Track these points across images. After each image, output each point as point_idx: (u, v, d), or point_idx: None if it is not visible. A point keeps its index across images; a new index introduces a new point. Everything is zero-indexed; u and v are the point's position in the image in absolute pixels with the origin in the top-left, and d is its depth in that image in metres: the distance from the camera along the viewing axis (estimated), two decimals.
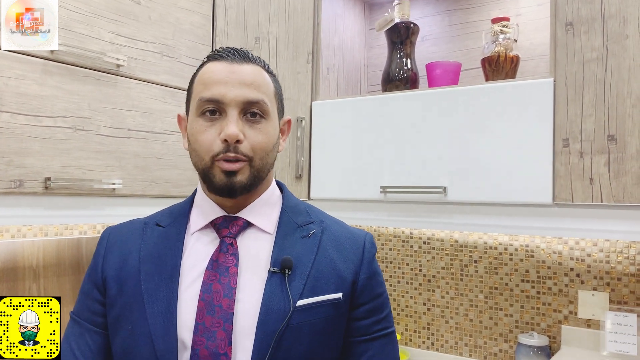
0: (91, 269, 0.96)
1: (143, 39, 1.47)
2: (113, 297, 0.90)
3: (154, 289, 0.87)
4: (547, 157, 1.35)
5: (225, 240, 0.90)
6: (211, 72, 0.89)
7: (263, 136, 0.89)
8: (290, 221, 0.94)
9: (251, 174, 0.88)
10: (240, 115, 0.88)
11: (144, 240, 0.94)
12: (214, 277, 0.86)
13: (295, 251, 0.89)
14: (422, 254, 1.89)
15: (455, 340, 1.82)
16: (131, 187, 1.45)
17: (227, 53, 0.90)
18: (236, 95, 0.87)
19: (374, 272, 0.93)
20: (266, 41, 1.73)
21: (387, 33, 1.78)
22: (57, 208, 1.31)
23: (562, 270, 1.65)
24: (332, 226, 0.96)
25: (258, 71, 0.91)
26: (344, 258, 0.91)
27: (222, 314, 0.83)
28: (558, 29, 1.35)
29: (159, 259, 0.90)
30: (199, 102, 0.88)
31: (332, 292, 0.88)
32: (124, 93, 1.42)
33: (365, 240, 0.95)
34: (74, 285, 1.63)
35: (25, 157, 1.22)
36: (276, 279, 0.87)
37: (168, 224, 0.96)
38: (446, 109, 1.49)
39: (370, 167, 1.61)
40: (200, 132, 0.88)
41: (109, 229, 1.00)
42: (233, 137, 0.85)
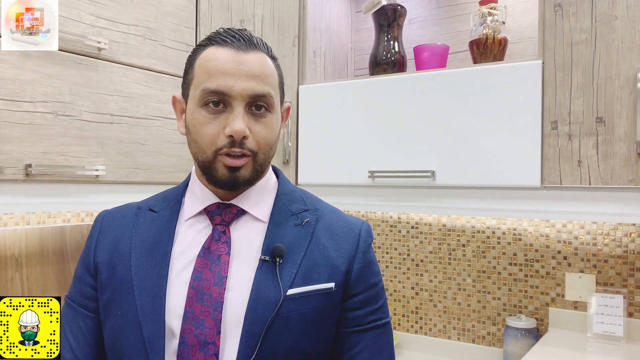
0: (84, 252, 0.95)
1: (125, 22, 1.43)
2: (104, 281, 0.88)
3: (143, 275, 0.86)
4: (535, 140, 1.34)
5: (218, 228, 0.88)
6: (216, 60, 0.84)
7: (268, 130, 0.86)
8: (285, 209, 0.92)
9: (254, 169, 0.86)
10: (246, 109, 0.84)
11: (136, 225, 0.92)
12: (205, 265, 0.85)
13: (287, 239, 0.88)
14: (410, 239, 1.89)
15: (444, 323, 1.83)
16: (115, 174, 1.42)
17: (232, 38, 0.85)
18: (243, 88, 0.83)
19: (369, 262, 0.92)
20: (251, 24, 1.70)
21: (374, 16, 1.76)
22: (39, 195, 1.28)
23: (550, 253, 1.66)
24: (328, 214, 0.94)
25: (263, 60, 0.86)
26: (338, 247, 0.90)
27: (211, 303, 0.82)
28: (547, 10, 1.34)
29: (151, 245, 0.88)
30: (202, 93, 0.84)
31: (324, 281, 0.86)
32: (106, 77, 1.39)
33: (361, 229, 0.93)
34: (58, 274, 1.60)
35: (4, 143, 1.19)
36: (267, 267, 0.85)
37: (161, 209, 0.93)
38: (434, 92, 1.48)
39: (358, 151, 1.59)
40: (202, 124, 0.84)
41: (102, 212, 0.98)
42: (240, 134, 0.82)
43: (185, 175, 1.61)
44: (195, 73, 0.88)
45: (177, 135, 1.58)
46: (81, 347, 0.90)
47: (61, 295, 1.57)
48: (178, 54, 1.58)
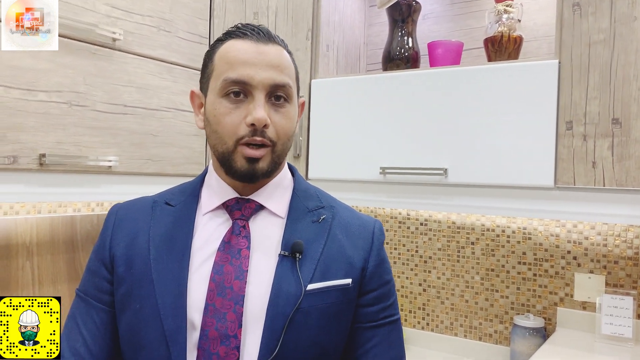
0: (98, 246, 0.95)
1: (139, 12, 1.43)
2: (121, 275, 0.89)
3: (163, 269, 0.86)
4: (550, 140, 1.34)
5: (238, 223, 0.89)
6: (237, 51, 0.85)
7: (287, 121, 0.87)
8: (301, 205, 0.93)
9: (272, 160, 0.87)
10: (266, 99, 0.85)
11: (153, 219, 0.92)
12: (226, 259, 0.85)
13: (305, 235, 0.88)
14: (419, 235, 1.88)
15: (451, 320, 1.83)
16: (127, 165, 1.42)
17: (251, 31, 0.87)
18: (264, 77, 0.84)
19: (383, 260, 0.93)
20: (265, 16, 1.69)
21: (388, 11, 1.75)
22: (51, 185, 1.28)
23: (559, 252, 1.66)
24: (342, 212, 0.95)
25: (281, 52, 0.88)
26: (353, 244, 0.91)
27: (233, 296, 0.82)
28: (565, 9, 1.33)
29: (170, 239, 0.89)
30: (223, 83, 0.85)
31: (341, 277, 0.87)
32: (120, 68, 1.39)
33: (374, 227, 0.94)
34: (68, 263, 1.61)
35: (19, 132, 1.19)
36: (287, 262, 0.86)
37: (178, 203, 0.94)
38: (448, 89, 1.47)
39: (369, 147, 1.59)
40: (224, 114, 0.85)
41: (116, 206, 0.98)
42: (262, 122, 0.83)
43: (196, 167, 1.62)
44: (215, 65, 0.88)
45: (189, 127, 1.58)
46: (95, 340, 0.90)
47: (71, 284, 1.58)
48: (192, 45, 1.58)
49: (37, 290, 1.51)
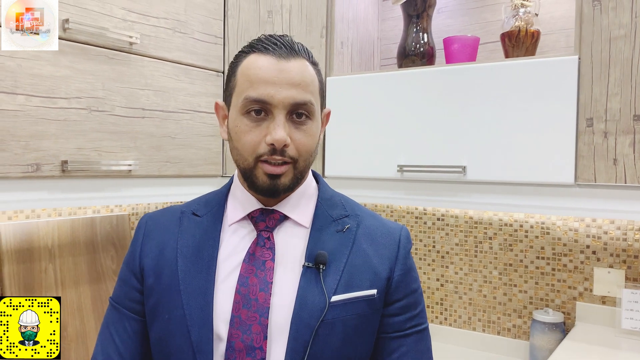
0: (129, 256, 0.96)
1: (155, 15, 1.43)
2: (150, 286, 0.90)
3: (190, 280, 0.87)
4: (570, 137, 1.33)
5: (262, 234, 0.89)
6: (258, 69, 0.85)
7: (308, 138, 0.87)
8: (326, 214, 0.93)
9: (294, 176, 0.87)
10: (287, 117, 0.85)
11: (181, 230, 0.93)
12: (251, 271, 0.86)
13: (329, 246, 0.88)
14: (436, 231, 1.88)
15: (469, 315, 1.84)
16: (146, 168, 1.43)
17: (274, 45, 0.86)
18: (284, 97, 0.83)
19: (409, 268, 0.92)
20: (279, 15, 1.69)
21: (403, 6, 1.73)
22: (73, 191, 1.29)
23: (578, 247, 1.65)
24: (368, 220, 0.94)
25: (304, 67, 0.87)
26: (379, 253, 0.90)
27: (258, 308, 0.83)
28: (584, 5, 1.31)
29: (196, 250, 0.90)
30: (244, 101, 0.85)
31: (366, 288, 0.87)
32: (137, 72, 1.39)
33: (400, 235, 0.94)
34: (89, 264, 1.63)
35: (41, 140, 1.20)
36: (311, 273, 0.86)
37: (204, 213, 0.94)
38: (465, 86, 1.46)
39: (386, 145, 1.58)
40: (244, 132, 0.85)
41: (146, 216, 0.99)
42: (281, 143, 0.83)
43: (213, 168, 1.62)
44: (237, 81, 0.88)
45: (206, 128, 1.59)
46: (128, 348, 0.91)
47: (92, 285, 1.60)
48: (207, 46, 1.58)
49: (60, 292, 1.53)
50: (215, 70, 1.61)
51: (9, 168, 1.15)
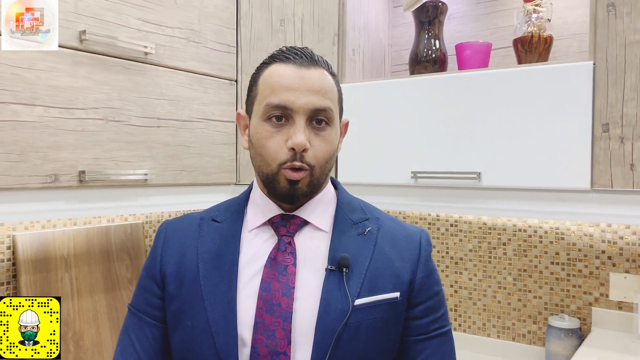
0: (149, 263, 0.96)
1: (169, 25, 1.44)
2: (172, 292, 0.90)
3: (213, 286, 0.87)
4: (585, 142, 1.32)
5: (284, 239, 0.90)
6: (279, 76, 0.87)
7: (327, 145, 0.88)
8: (346, 218, 0.93)
9: (311, 182, 0.88)
10: (307, 123, 0.86)
11: (201, 236, 0.94)
12: (273, 276, 0.86)
13: (351, 249, 0.89)
14: (450, 237, 1.88)
15: (483, 321, 1.83)
16: (162, 177, 1.43)
17: (294, 55, 0.88)
18: (305, 102, 0.85)
19: (431, 271, 0.93)
20: (291, 23, 1.69)
21: (414, 13, 1.74)
22: (90, 201, 1.30)
23: (593, 252, 1.65)
24: (387, 223, 0.95)
25: (324, 76, 0.89)
26: (400, 256, 0.91)
27: (281, 313, 0.83)
28: (599, 10, 1.31)
29: (218, 256, 0.90)
30: (265, 107, 0.87)
31: (389, 291, 0.87)
32: (152, 81, 1.40)
33: (421, 238, 0.94)
34: (104, 273, 1.63)
35: (59, 150, 1.21)
36: (334, 277, 0.86)
37: (224, 219, 0.95)
38: (478, 92, 1.46)
39: (399, 151, 1.59)
40: (266, 137, 0.87)
41: (165, 223, 0.99)
42: (301, 147, 0.84)
43: (227, 175, 1.63)
44: (259, 89, 0.90)
45: (220, 136, 1.59)
46: (148, 354, 0.92)
47: (107, 293, 1.61)
48: (220, 55, 1.59)
49: (77, 301, 1.54)
50: (229, 78, 1.62)
51: (28, 179, 1.16)
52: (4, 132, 1.11)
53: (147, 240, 1.79)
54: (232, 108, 1.62)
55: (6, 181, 1.12)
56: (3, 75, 1.11)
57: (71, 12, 1.22)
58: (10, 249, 1.45)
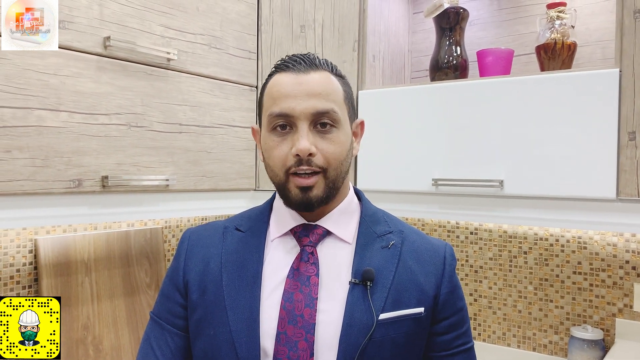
0: (172, 270, 0.96)
1: (192, 31, 1.44)
2: (195, 301, 0.90)
3: (235, 295, 0.87)
4: (611, 151, 1.30)
5: (306, 249, 0.89)
6: (279, 85, 0.87)
7: (335, 146, 0.87)
8: (370, 231, 0.92)
9: (326, 186, 0.87)
10: (311, 127, 0.85)
11: (224, 245, 0.93)
12: (295, 286, 0.85)
13: (375, 262, 0.88)
14: (469, 245, 1.86)
15: (503, 331, 1.81)
16: (183, 182, 1.44)
17: (294, 62, 0.88)
18: (305, 107, 0.84)
19: (455, 286, 0.92)
20: (312, 29, 1.69)
21: (435, 19, 1.73)
22: (112, 206, 1.31)
23: (617, 262, 1.62)
24: (411, 236, 0.94)
25: (325, 77, 0.88)
26: (425, 271, 0.90)
27: (303, 324, 0.83)
28: (625, 17, 1.29)
29: (241, 265, 0.90)
30: (269, 118, 0.87)
31: (413, 306, 0.86)
32: (174, 87, 1.41)
33: (445, 252, 0.93)
34: (123, 278, 1.64)
35: (82, 156, 1.22)
36: (358, 290, 0.85)
37: (248, 229, 0.95)
38: (501, 99, 1.45)
39: (420, 158, 1.57)
40: (272, 147, 0.87)
41: (188, 231, 0.99)
42: (305, 152, 0.84)
43: (247, 181, 1.63)
44: (264, 101, 0.91)
45: (240, 142, 1.59)
46: None
47: (127, 298, 1.61)
48: (241, 61, 1.59)
49: (97, 305, 1.55)
50: (249, 85, 1.62)
51: (52, 184, 1.16)
52: (30, 138, 1.12)
53: (166, 245, 1.80)
54: (252, 114, 1.63)
55: (31, 186, 1.12)
56: (29, 82, 1.12)
57: (96, 18, 1.23)
58: (32, 253, 1.46)
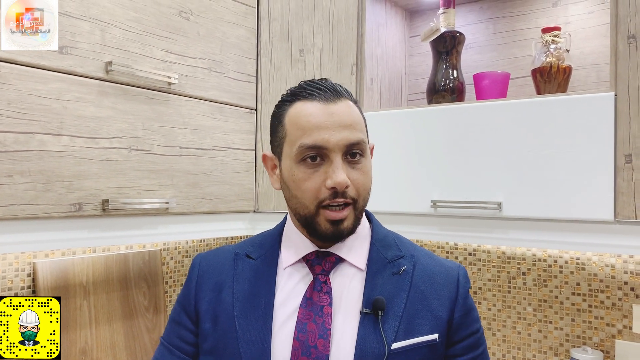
0: (183, 296, 0.96)
1: (192, 55, 1.46)
2: (206, 330, 0.90)
3: (247, 326, 0.86)
4: (608, 173, 1.32)
5: (319, 278, 0.89)
6: (308, 116, 0.85)
7: (365, 176, 0.87)
8: (380, 256, 0.92)
9: (355, 217, 0.87)
10: (343, 158, 0.85)
11: (236, 273, 0.93)
12: (309, 317, 0.85)
13: (386, 290, 0.87)
14: (468, 266, 1.86)
15: (503, 353, 1.80)
16: (183, 205, 1.44)
17: (319, 91, 0.87)
18: (339, 139, 0.84)
19: (470, 308, 0.91)
20: (310, 53, 1.71)
21: (432, 43, 1.75)
22: (112, 229, 1.31)
23: (615, 283, 1.62)
24: (423, 259, 0.93)
25: (350, 108, 0.88)
26: (437, 295, 0.89)
27: (317, 356, 0.82)
28: (619, 42, 1.31)
29: (253, 295, 0.89)
30: (299, 149, 0.85)
31: (427, 333, 0.86)
32: (175, 111, 1.42)
33: (459, 274, 0.92)
34: (122, 301, 1.63)
35: (83, 180, 1.22)
36: (369, 320, 0.85)
37: (259, 256, 0.94)
38: (498, 122, 1.46)
39: (419, 180, 1.58)
40: (303, 179, 0.85)
41: (199, 256, 0.99)
42: (343, 185, 0.83)
43: (246, 203, 1.63)
44: (287, 130, 0.88)
45: (239, 164, 1.60)
46: None
47: (125, 321, 1.60)
48: (241, 84, 1.61)
49: (95, 329, 1.54)
50: (249, 107, 1.63)
51: (53, 208, 1.16)
52: (31, 162, 1.13)
53: (164, 267, 1.79)
54: (251, 136, 1.64)
55: (32, 210, 1.13)
56: (32, 106, 1.13)
57: (98, 43, 1.24)
58: (30, 277, 1.46)
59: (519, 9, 1.83)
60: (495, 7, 1.88)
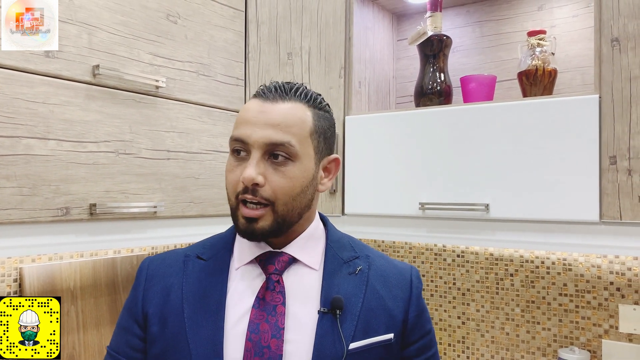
0: (130, 302, 0.93)
1: (180, 59, 1.46)
2: (155, 334, 0.87)
3: (198, 327, 0.85)
4: (593, 175, 1.33)
5: (272, 278, 0.88)
6: (245, 111, 0.88)
7: (286, 180, 0.85)
8: (336, 257, 0.92)
9: (274, 220, 0.85)
10: (265, 157, 0.85)
11: (185, 274, 0.91)
12: (261, 316, 0.84)
13: (343, 289, 0.87)
14: (456, 267, 1.88)
15: (491, 354, 1.81)
16: (171, 209, 1.44)
17: (268, 90, 0.88)
18: (260, 136, 0.84)
19: (422, 309, 0.92)
20: (298, 57, 1.72)
21: (419, 46, 1.76)
22: (100, 233, 1.30)
23: (602, 284, 1.64)
24: (378, 261, 0.94)
25: (292, 108, 0.87)
26: (392, 295, 0.90)
27: (270, 356, 0.81)
28: (603, 45, 1.33)
29: (203, 296, 0.87)
30: (230, 141, 0.88)
31: (383, 332, 0.86)
32: (163, 114, 1.41)
33: (411, 275, 0.94)
34: (110, 305, 1.62)
35: (70, 184, 1.21)
36: (327, 320, 0.84)
37: (210, 257, 0.93)
38: (485, 124, 1.47)
39: (407, 182, 1.59)
40: (228, 170, 0.88)
41: (147, 260, 0.97)
42: (248, 181, 0.83)
43: None
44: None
45: None
46: None
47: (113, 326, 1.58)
48: (229, 88, 1.61)
49: (82, 335, 1.52)
50: (237, 111, 1.63)
51: (40, 212, 1.16)
52: (17, 167, 1.12)
53: None
54: None
55: (19, 215, 1.12)
56: (19, 110, 1.12)
57: (85, 47, 1.23)
58: (17, 282, 1.44)
59: (505, 12, 1.85)
60: (482, 10, 1.89)
